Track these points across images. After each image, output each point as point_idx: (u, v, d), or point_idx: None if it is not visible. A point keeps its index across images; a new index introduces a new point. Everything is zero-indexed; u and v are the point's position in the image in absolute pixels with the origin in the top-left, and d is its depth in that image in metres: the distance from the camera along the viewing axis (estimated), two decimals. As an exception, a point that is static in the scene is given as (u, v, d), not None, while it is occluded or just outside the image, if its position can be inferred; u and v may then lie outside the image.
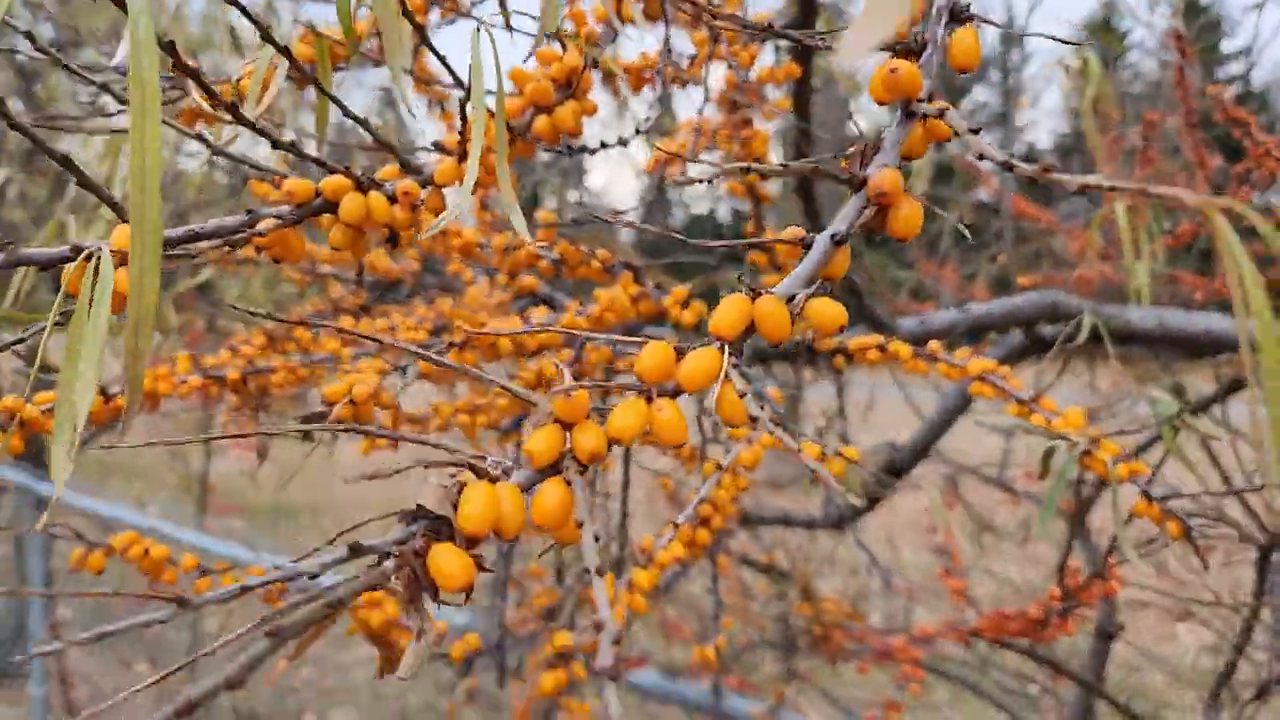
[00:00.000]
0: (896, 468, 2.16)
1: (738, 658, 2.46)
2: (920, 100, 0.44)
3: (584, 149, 0.89)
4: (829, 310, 0.44)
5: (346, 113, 0.61)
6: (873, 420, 3.02)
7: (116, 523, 3.77)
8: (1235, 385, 2.52)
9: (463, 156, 0.64)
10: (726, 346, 0.42)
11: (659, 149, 1.27)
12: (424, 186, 0.65)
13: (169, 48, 0.45)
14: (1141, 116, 3.11)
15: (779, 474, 5.75)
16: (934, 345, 1.27)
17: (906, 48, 0.48)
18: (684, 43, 1.09)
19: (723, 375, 0.41)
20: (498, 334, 0.94)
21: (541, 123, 0.72)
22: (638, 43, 0.96)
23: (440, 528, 0.36)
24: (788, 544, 2.81)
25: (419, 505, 0.36)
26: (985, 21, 0.49)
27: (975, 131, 0.42)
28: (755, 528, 2.67)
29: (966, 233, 0.51)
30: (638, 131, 0.80)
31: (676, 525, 0.98)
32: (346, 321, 1.55)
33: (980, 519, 2.40)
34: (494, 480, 0.38)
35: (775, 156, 1.57)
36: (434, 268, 2.34)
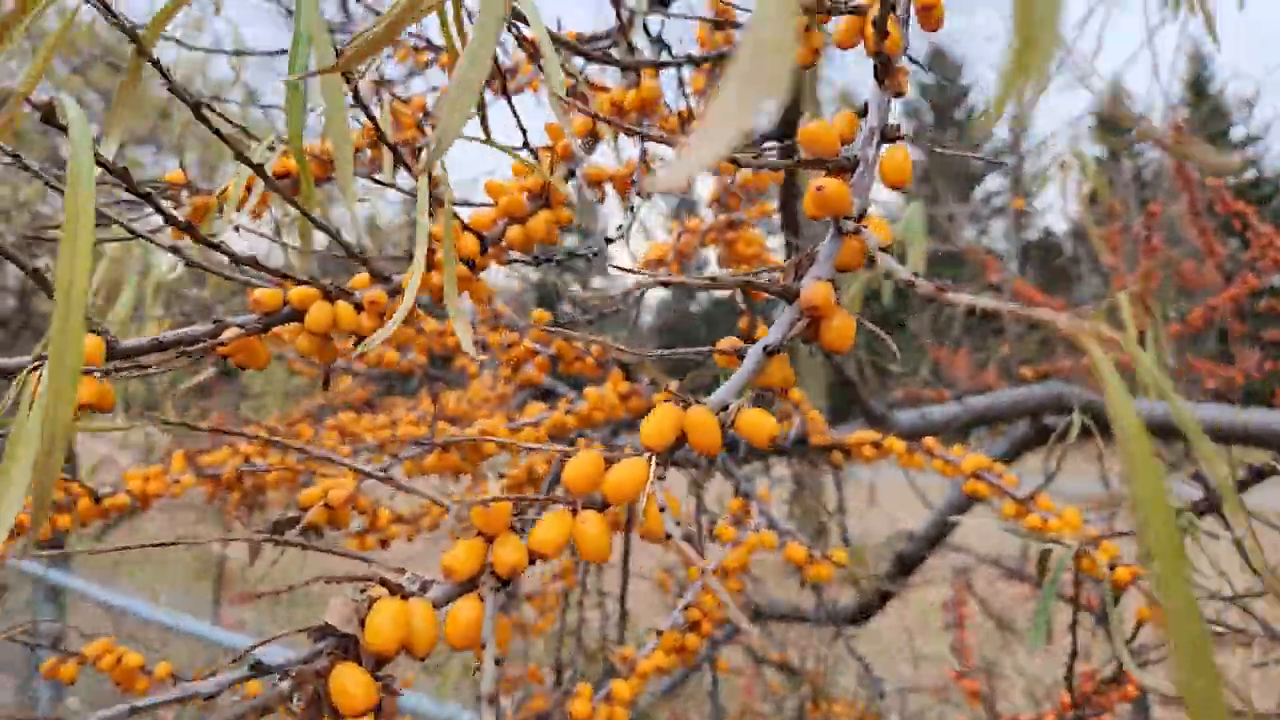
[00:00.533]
0: (907, 562, 2.10)
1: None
2: (848, 218, 0.45)
3: (571, 254, 0.92)
4: (760, 421, 0.44)
5: (319, 225, 0.63)
6: (882, 505, 2.96)
7: (128, 614, 3.74)
8: (1260, 474, 2.45)
9: (430, 267, 0.66)
10: (654, 457, 0.42)
11: (648, 252, 1.30)
12: (393, 295, 0.67)
13: (123, 174, 0.48)
14: (1144, 206, 3.15)
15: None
16: (929, 442, 1.26)
17: (839, 165, 0.49)
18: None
19: (649, 487, 0.41)
20: (479, 439, 0.95)
21: (515, 232, 0.74)
22: (627, 149, 1.00)
23: (348, 646, 0.35)
24: (804, 639, 2.72)
25: (326, 623, 0.35)
26: (914, 142, 0.50)
27: (885, 250, 0.42)
28: (767, 623, 2.60)
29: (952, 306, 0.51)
30: (609, 241, 0.82)
31: (660, 632, 0.96)
32: (346, 417, 1.57)
33: (999, 615, 2.31)
34: (405, 596, 0.37)
35: (776, 255, 1.60)
36: (441, 362, 2.37)
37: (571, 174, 0.81)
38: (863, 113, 0.51)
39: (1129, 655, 0.87)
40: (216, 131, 0.58)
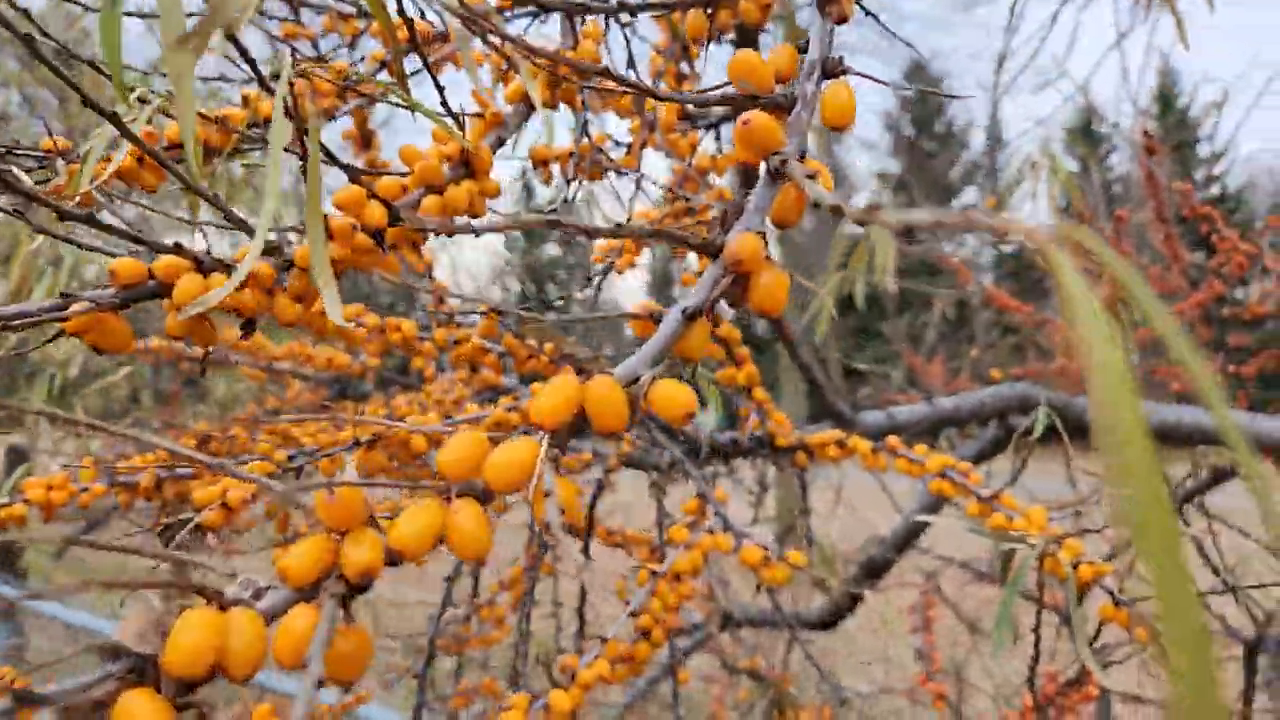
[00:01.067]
0: (876, 566, 2.05)
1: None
2: (779, 156, 0.39)
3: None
4: (676, 394, 0.37)
5: (188, 186, 0.56)
6: (858, 509, 2.91)
7: (88, 632, 3.60)
8: (1219, 476, 2.43)
9: (331, 236, 0.59)
10: (547, 437, 0.36)
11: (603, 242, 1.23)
12: (286, 269, 0.59)
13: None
14: (1113, 214, 3.14)
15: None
16: (893, 441, 1.21)
17: (774, 103, 0.43)
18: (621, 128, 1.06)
19: (539, 471, 0.34)
20: (408, 429, 0.87)
21: (431, 202, 0.67)
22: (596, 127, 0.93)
23: (145, 668, 0.28)
24: (778, 646, 2.65)
25: (116, 641, 0.28)
26: (864, 76, 0.44)
27: (812, 177, 0.36)
28: (739, 629, 2.53)
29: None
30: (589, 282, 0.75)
31: (604, 640, 0.89)
32: (289, 421, 1.48)
33: (969, 619, 2.27)
34: (224, 606, 0.30)
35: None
36: (399, 364, 2.29)
37: (501, 143, 0.74)
38: (803, 48, 0.45)
39: (1091, 655, 0.81)
40: (75, 87, 0.51)
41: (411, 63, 0.84)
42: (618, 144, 1.02)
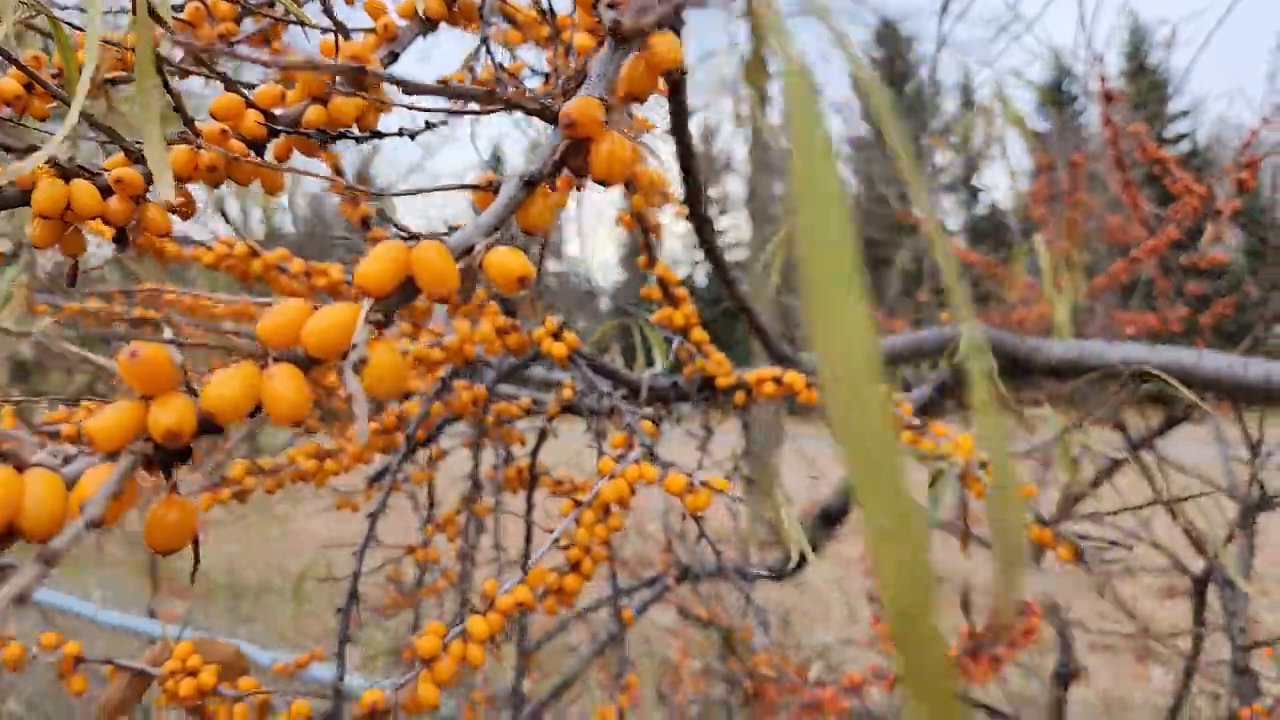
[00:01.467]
0: (831, 515, 2.07)
1: (683, 716, 2.32)
2: (612, 5, 0.38)
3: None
4: (509, 261, 0.36)
5: (40, 84, 0.54)
6: (829, 478, 2.94)
7: (60, 611, 3.56)
8: (1172, 422, 2.48)
9: (200, 143, 0.57)
10: (369, 300, 0.35)
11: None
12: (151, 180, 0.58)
13: None
14: (1069, 159, 3.15)
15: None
16: (829, 373, 1.21)
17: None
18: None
19: (360, 332, 0.34)
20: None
21: (315, 113, 0.65)
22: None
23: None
24: (736, 600, 2.69)
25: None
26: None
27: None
28: (695, 581, 2.56)
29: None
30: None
31: (525, 568, 0.89)
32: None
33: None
34: (22, 467, 0.29)
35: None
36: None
37: (395, 57, 0.73)
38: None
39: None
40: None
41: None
42: (535, 73, 1.00)
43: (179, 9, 0.72)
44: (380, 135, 0.64)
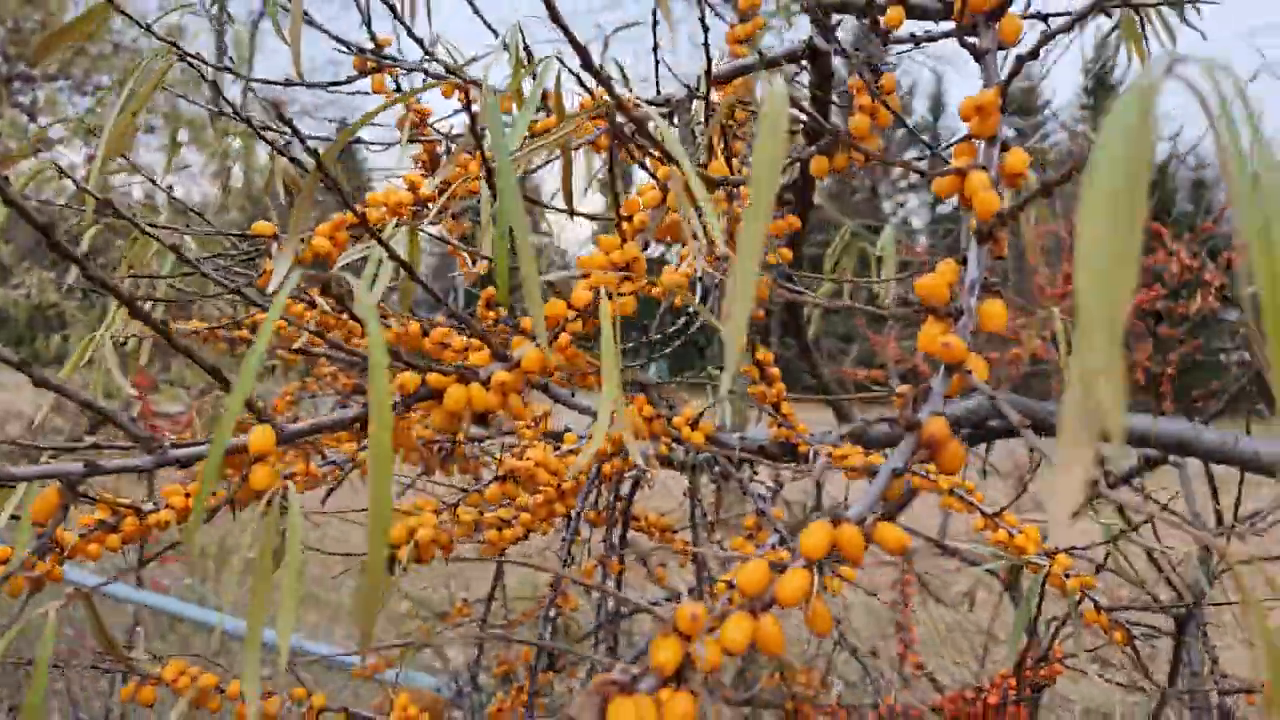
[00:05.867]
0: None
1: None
2: (962, 363, 0.56)
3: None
4: (891, 534, 0.54)
5: (423, 285, 0.70)
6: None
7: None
8: (1150, 463, 2.73)
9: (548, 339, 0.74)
10: (814, 566, 0.52)
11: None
12: (513, 369, 0.74)
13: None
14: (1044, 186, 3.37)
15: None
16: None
17: (947, 311, 0.59)
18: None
19: (814, 591, 0.51)
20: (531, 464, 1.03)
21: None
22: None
23: None
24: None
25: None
26: (1003, 298, 0.61)
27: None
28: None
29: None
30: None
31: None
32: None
33: (933, 591, 2.54)
34: (630, 692, 0.46)
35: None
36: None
37: (646, 245, 0.89)
38: (962, 261, 0.61)
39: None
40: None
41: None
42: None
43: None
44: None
